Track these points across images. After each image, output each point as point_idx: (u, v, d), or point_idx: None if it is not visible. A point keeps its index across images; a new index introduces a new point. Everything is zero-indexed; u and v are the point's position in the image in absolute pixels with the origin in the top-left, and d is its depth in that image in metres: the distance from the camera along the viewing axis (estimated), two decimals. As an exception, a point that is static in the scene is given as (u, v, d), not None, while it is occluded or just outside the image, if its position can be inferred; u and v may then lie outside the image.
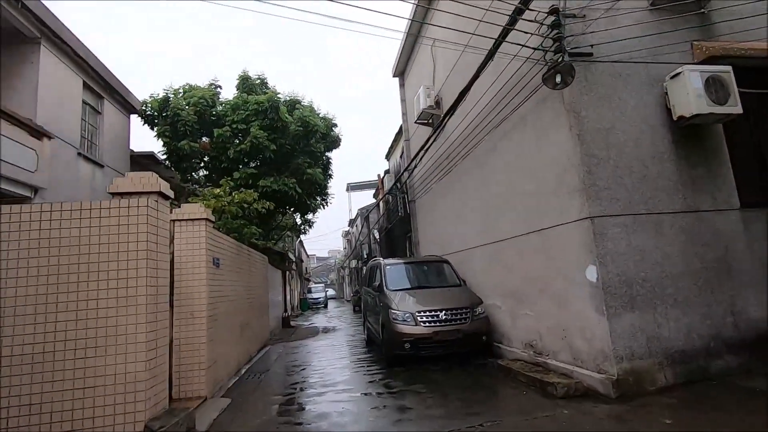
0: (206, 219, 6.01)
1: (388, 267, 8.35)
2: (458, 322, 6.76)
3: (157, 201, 4.30)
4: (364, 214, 25.39)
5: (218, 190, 8.61)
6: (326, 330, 14.63)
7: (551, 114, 5.38)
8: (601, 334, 4.58)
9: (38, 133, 7.83)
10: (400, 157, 15.36)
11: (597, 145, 4.91)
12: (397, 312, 6.85)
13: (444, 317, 6.73)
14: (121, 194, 4.15)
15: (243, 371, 7.62)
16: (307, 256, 47.20)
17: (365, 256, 28.74)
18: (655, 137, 5.09)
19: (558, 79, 4.59)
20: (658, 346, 4.57)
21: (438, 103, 9.79)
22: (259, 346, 10.26)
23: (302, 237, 34.18)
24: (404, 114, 13.52)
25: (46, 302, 3.76)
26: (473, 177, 8.16)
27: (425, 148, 9.94)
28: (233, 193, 8.64)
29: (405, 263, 8.68)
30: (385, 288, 7.78)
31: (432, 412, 4.58)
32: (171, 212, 5.93)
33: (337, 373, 7.03)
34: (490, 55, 5.77)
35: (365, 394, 5.53)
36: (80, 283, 3.83)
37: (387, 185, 15.44)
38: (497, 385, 5.50)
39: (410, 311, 6.81)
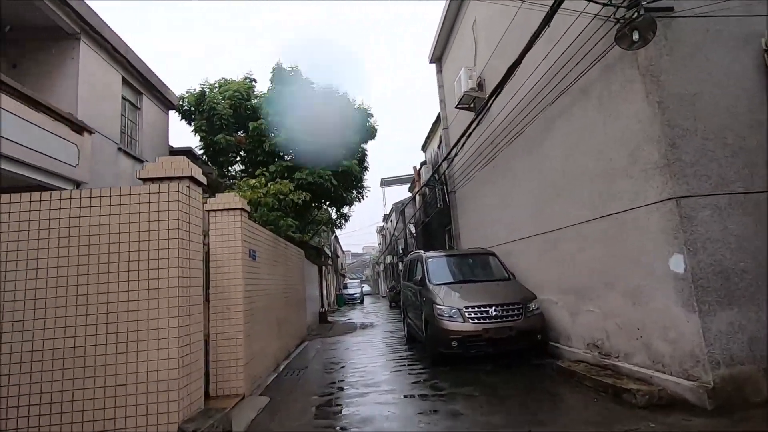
0: (241, 209, 5.74)
1: (430, 260, 7.86)
2: (510, 318, 6.18)
3: (188, 186, 4.01)
4: (399, 208, 24.95)
5: (254, 181, 8.39)
6: (364, 326, 14.32)
7: (621, 81, 4.69)
8: (691, 334, 3.90)
9: (79, 127, 7.87)
10: (438, 147, 14.77)
11: (681, 113, 4.20)
12: (443, 308, 6.35)
13: (494, 313, 6.17)
14: (152, 179, 3.89)
15: (281, 367, 7.37)
16: (342, 252, 47.36)
17: (401, 252, 28.30)
18: (753, 103, 4.30)
19: (635, 36, 3.93)
20: (764, 350, 3.84)
21: (480, 85, 9.16)
22: (297, 341, 10.05)
23: (337, 233, 34.20)
24: (442, 101, 12.92)
25: (76, 294, 3.54)
26: (523, 162, 7.50)
27: (467, 134, 9.34)
28: (269, 184, 8.41)
29: (448, 256, 8.15)
30: (427, 282, 7.29)
31: (489, 419, 4.07)
32: (205, 202, 5.71)
33: (379, 371, 6.62)
34: (548, 18, 5.13)
35: (411, 396, 5.08)
36: (109, 274, 3.59)
37: (424, 177, 14.89)
38: (559, 389, 4.90)
39: (457, 307, 6.29)
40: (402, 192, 38.99)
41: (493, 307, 6.21)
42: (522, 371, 5.87)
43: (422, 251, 8.50)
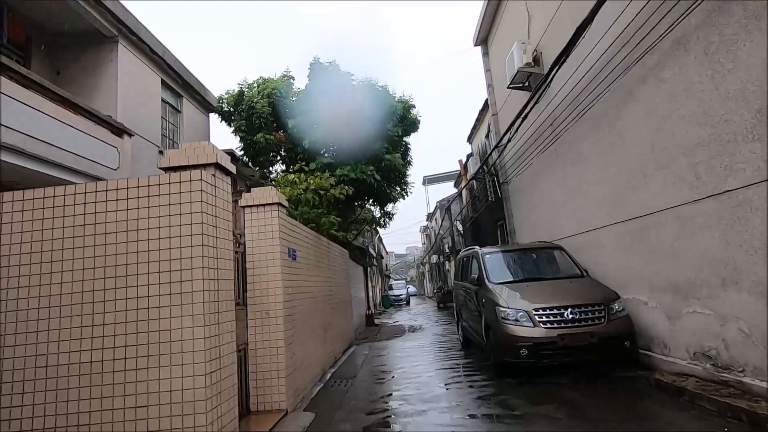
0: (279, 204, 5.21)
1: (488, 256, 7.01)
2: (590, 322, 5.23)
3: (214, 175, 3.49)
4: (445, 205, 23.99)
5: (293, 176, 7.92)
6: (412, 329, 13.60)
7: (739, 21, 3.68)
8: None
9: (119, 130, 7.74)
10: (486, 136, 13.79)
11: (837, 50, 3.15)
12: (508, 310, 5.50)
13: (571, 316, 5.24)
14: (173, 168, 3.40)
15: (328, 376, 6.81)
16: (387, 252, 46.89)
17: (447, 251, 27.31)
18: None
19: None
20: None
21: (537, 60, 8.18)
22: (344, 346, 9.50)
23: (380, 233, 33.72)
24: (489, 86, 11.97)
25: (88, 301, 3.09)
26: (593, 142, 6.49)
27: (522, 115, 8.38)
28: (308, 179, 7.90)
29: (508, 251, 7.26)
30: (486, 281, 6.45)
31: (585, 453, 3.22)
32: (240, 197, 5.25)
33: (435, 383, 5.88)
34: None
35: (478, 417, 4.30)
36: (127, 278, 3.11)
37: (471, 169, 13.96)
38: (668, 411, 3.93)
39: (524, 309, 5.42)
40: (446, 190, 37.92)
41: (569, 309, 5.29)
42: (610, 386, 4.92)
43: (477, 247, 7.66)
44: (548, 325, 5.25)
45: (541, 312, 5.34)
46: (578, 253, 7.04)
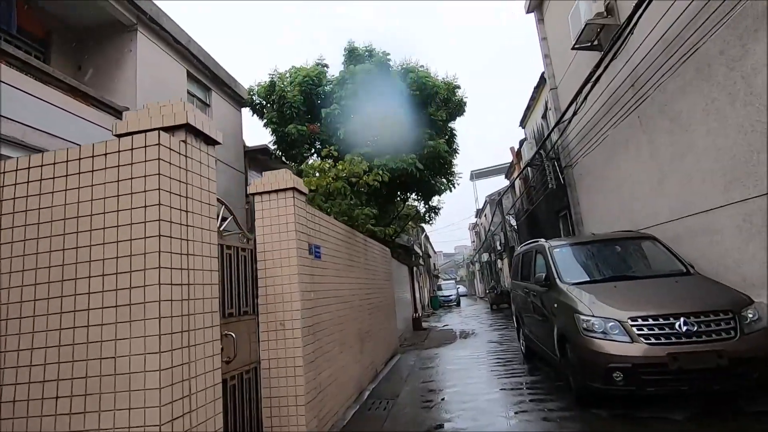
0: (294, 189, 4.24)
1: (557, 251, 5.66)
2: (715, 336, 3.80)
3: (184, 141, 2.55)
4: (495, 199, 22.33)
5: (319, 163, 6.97)
6: (464, 334, 12.29)
7: None
8: None
9: (138, 123, 7.23)
10: (543, 116, 12.21)
11: None
12: (592, 319, 4.18)
13: (685, 329, 3.84)
14: (130, 134, 2.49)
15: (366, 395, 5.78)
16: (434, 252, 45.43)
17: (499, 248, 25.56)
18: None
19: None
20: None
21: (610, 10, 6.69)
22: (387, 356, 8.45)
23: (427, 231, 32.45)
24: (546, 56, 10.45)
25: (8, 317, 2.24)
26: (702, 94, 4.98)
27: (592, 79, 6.91)
28: (337, 164, 6.89)
29: (583, 244, 5.84)
30: (558, 281, 5.13)
31: None
32: (252, 184, 4.35)
33: (496, 410, 4.66)
34: None
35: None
36: (62, 285, 2.23)
37: (526, 156, 12.43)
38: None
39: (616, 318, 4.08)
40: (496, 184, 35.89)
41: (682, 319, 3.88)
42: (746, 427, 3.48)
43: (543, 240, 6.31)
44: (653, 340, 3.87)
45: (641, 322, 3.97)
46: (677, 244, 5.52)
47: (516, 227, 18.75)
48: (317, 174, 6.63)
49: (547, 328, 5.37)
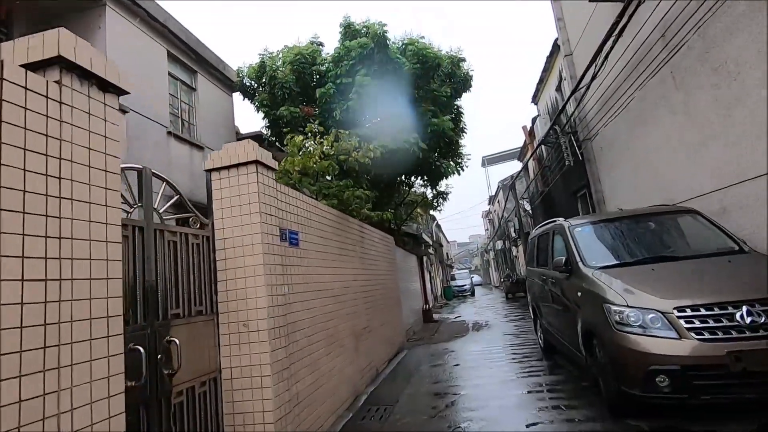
0: (258, 162, 3.52)
1: (579, 230, 4.83)
2: (789, 330, 2.97)
3: (59, 83, 1.84)
4: (508, 183, 21.36)
5: (300, 138, 6.20)
6: (477, 326, 11.53)
7: None
8: None
9: (109, 106, 6.60)
10: (557, 88, 11.24)
11: None
12: (627, 310, 3.38)
13: (749, 320, 3.02)
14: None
15: (362, 399, 5.09)
16: (447, 241, 44.53)
17: (513, 234, 24.62)
18: None
19: None
20: None
21: (634, -51, 5.74)
22: (391, 352, 7.75)
23: (439, 219, 31.60)
24: (559, 20, 9.47)
25: None
26: (747, 39, 4.08)
27: (615, 32, 6.00)
28: (323, 139, 6.11)
29: (609, 221, 4.99)
30: (580, 265, 4.32)
31: None
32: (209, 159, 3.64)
33: (512, 420, 3.92)
34: None
35: None
36: None
37: (540, 132, 11.50)
38: None
39: (658, 308, 3.28)
40: (508, 170, 34.76)
41: (745, 308, 3.06)
42: None
43: (561, 219, 5.49)
44: (707, 336, 3.06)
45: (690, 313, 3.16)
46: (723, 218, 4.65)
47: (531, 212, 17.80)
48: (300, 153, 5.88)
49: (569, 321, 4.59)
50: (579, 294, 4.18)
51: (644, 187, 6.76)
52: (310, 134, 6.38)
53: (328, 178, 6.40)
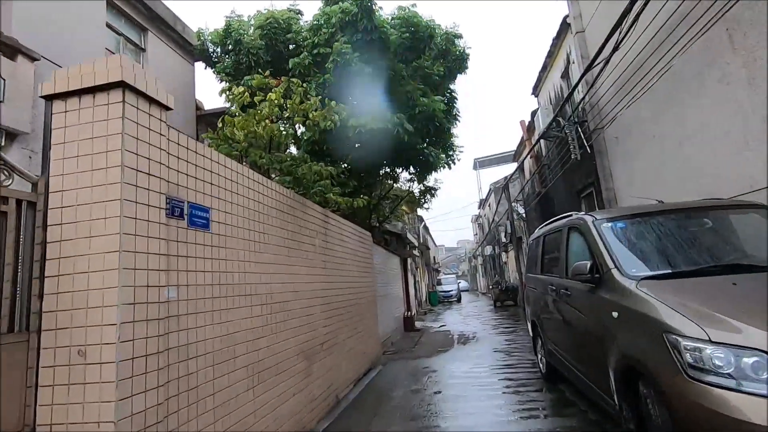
0: (126, 87, 2.17)
1: (607, 226, 3.55)
2: None
3: None
4: (501, 184, 20.20)
5: (240, 89, 4.77)
6: (464, 339, 10.26)
7: None
8: None
9: (10, 49, 5.20)
10: (562, 75, 10.06)
11: None
12: (710, 349, 2.10)
13: None
14: None
15: (308, 444, 3.75)
16: (435, 245, 43.33)
17: (503, 239, 23.47)
18: None
19: None
20: None
21: None
22: (362, 369, 6.42)
23: (426, 218, 30.39)
24: (571, -8, 8.28)
25: None
26: None
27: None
28: (267, 96, 4.65)
29: (646, 215, 3.71)
30: (615, 273, 3.05)
31: None
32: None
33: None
34: None
35: None
36: None
37: (541, 125, 10.31)
38: None
39: (762, 347, 2.01)
40: (501, 173, 33.72)
41: None
42: None
43: (581, 213, 4.23)
44: None
45: (824, 359, 1.90)
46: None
47: (525, 215, 16.64)
48: (239, 115, 4.47)
49: (592, 351, 3.33)
50: (615, 315, 2.91)
51: (672, 182, 5.56)
52: (258, 88, 5.00)
53: (293, 151, 5.10)
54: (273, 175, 4.61)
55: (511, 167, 26.99)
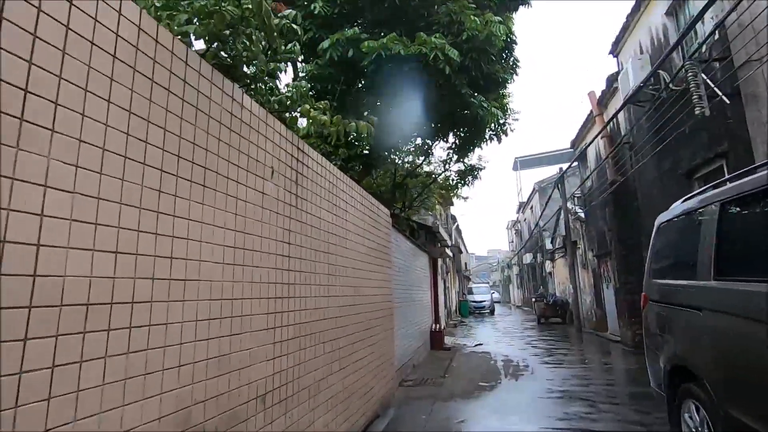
0: None
1: None
2: None
3: None
4: (548, 182, 17.24)
5: None
6: (512, 367, 7.56)
7: None
8: None
9: None
10: (667, 13, 7.24)
11: None
12: None
13: None
14: None
15: None
16: (466, 250, 40.22)
17: (549, 246, 20.39)
18: None
19: None
20: None
21: None
22: (363, 419, 3.91)
23: (457, 217, 27.58)
24: None
25: None
26: None
27: None
28: None
29: None
30: None
31: None
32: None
33: None
34: None
35: None
36: None
37: (631, 82, 7.53)
38: None
39: None
40: (544, 174, 30.34)
41: None
42: None
43: None
44: None
45: None
46: None
47: (584, 216, 13.66)
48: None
49: None
50: None
51: None
52: None
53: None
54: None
55: (553, 169, 23.74)
